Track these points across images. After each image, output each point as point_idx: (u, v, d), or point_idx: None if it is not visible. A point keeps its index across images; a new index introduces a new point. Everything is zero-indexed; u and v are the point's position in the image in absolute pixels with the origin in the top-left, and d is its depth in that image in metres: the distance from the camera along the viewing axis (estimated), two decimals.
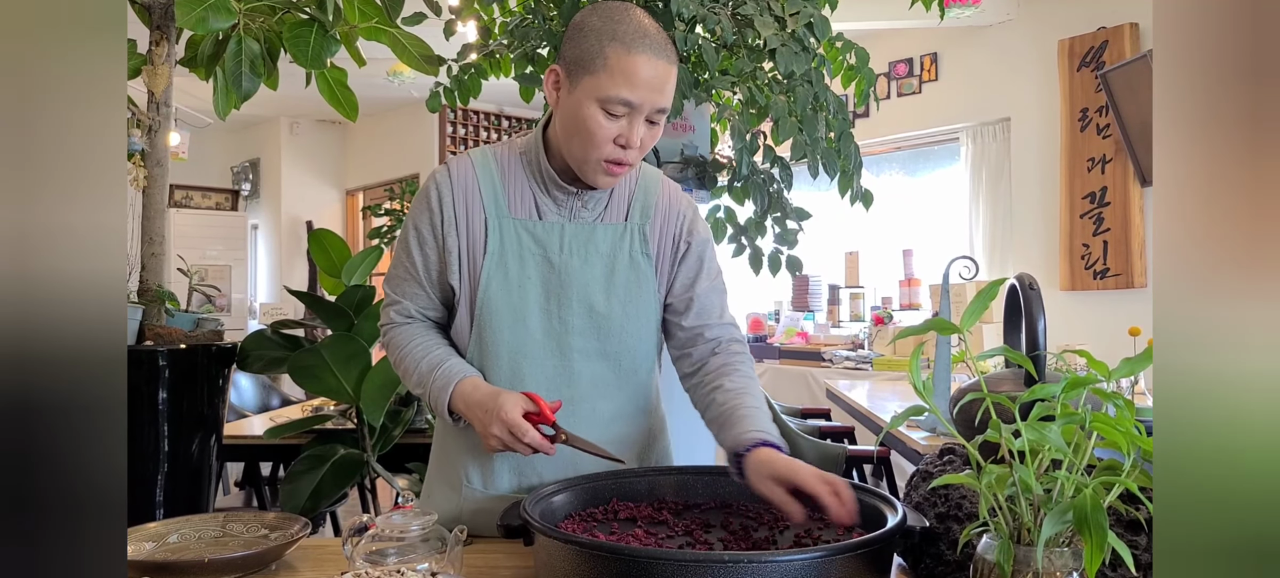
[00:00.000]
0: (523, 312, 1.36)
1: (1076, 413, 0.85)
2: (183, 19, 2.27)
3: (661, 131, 1.33)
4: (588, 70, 1.25)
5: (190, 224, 7.78)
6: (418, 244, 1.39)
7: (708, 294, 1.44)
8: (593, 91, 1.25)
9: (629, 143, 1.27)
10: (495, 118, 7.64)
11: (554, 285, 1.37)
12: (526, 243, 1.36)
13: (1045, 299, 1.30)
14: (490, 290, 1.35)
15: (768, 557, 0.93)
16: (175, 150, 5.13)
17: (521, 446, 1.26)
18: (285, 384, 5.22)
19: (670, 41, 1.29)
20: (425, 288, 1.40)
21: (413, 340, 1.40)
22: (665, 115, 1.31)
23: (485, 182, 1.37)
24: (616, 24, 1.25)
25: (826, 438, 3.61)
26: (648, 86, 1.25)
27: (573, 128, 1.29)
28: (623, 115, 1.26)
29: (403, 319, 1.43)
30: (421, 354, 1.38)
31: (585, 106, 1.26)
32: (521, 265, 1.36)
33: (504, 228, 1.36)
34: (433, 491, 1.48)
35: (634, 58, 1.23)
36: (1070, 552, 0.83)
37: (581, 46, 1.26)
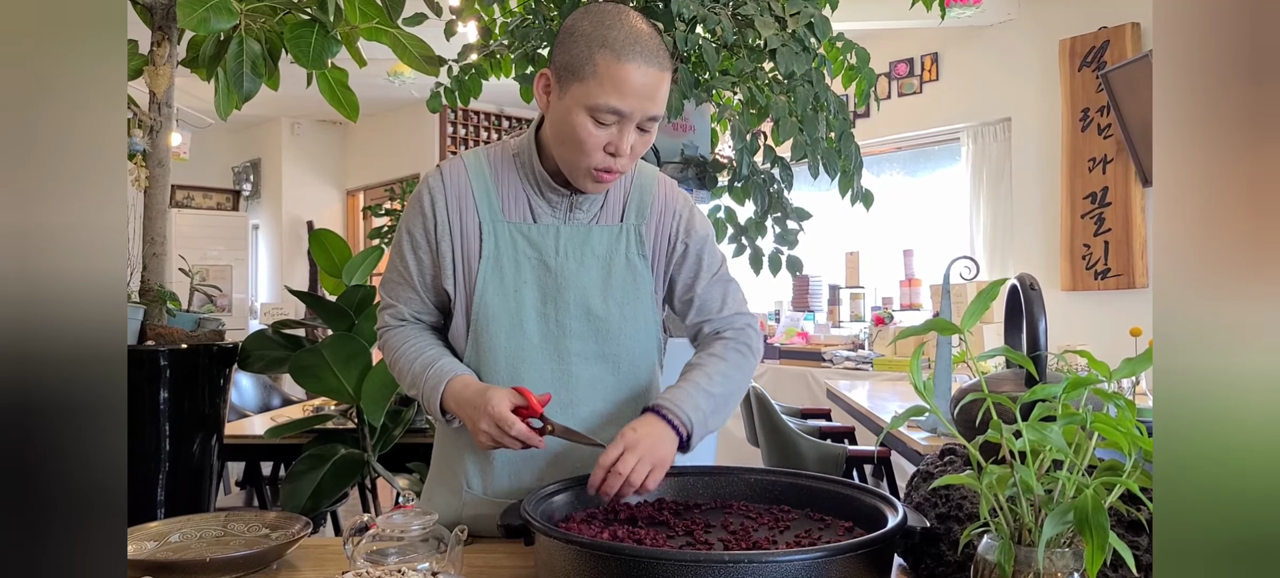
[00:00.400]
0: (519, 316, 1.35)
1: (1077, 413, 0.85)
2: (184, 19, 2.27)
3: (654, 138, 1.31)
4: (577, 77, 1.23)
5: (191, 224, 7.79)
6: (411, 249, 1.38)
7: (708, 290, 1.44)
8: (582, 99, 1.23)
9: (619, 151, 1.25)
10: (495, 118, 7.65)
11: (550, 289, 1.35)
12: (521, 246, 1.35)
13: (1046, 299, 1.30)
14: (486, 295, 1.34)
15: (768, 557, 0.93)
16: (176, 150, 5.14)
17: (509, 439, 1.24)
18: (286, 384, 5.22)
19: (663, 46, 1.26)
20: (419, 292, 1.40)
21: (407, 342, 1.40)
22: (657, 122, 1.29)
23: (479, 185, 1.36)
24: (607, 29, 1.22)
25: (827, 438, 3.61)
26: (638, 95, 1.22)
27: (562, 135, 1.27)
28: (612, 123, 1.24)
29: (397, 322, 1.43)
30: (414, 355, 1.38)
31: (574, 114, 1.24)
32: (517, 269, 1.35)
33: (498, 232, 1.35)
34: (433, 493, 1.48)
35: (624, 66, 1.21)
36: (1071, 552, 0.83)
37: (571, 52, 1.24)
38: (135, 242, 2.83)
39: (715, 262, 1.46)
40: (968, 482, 0.89)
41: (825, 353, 5.33)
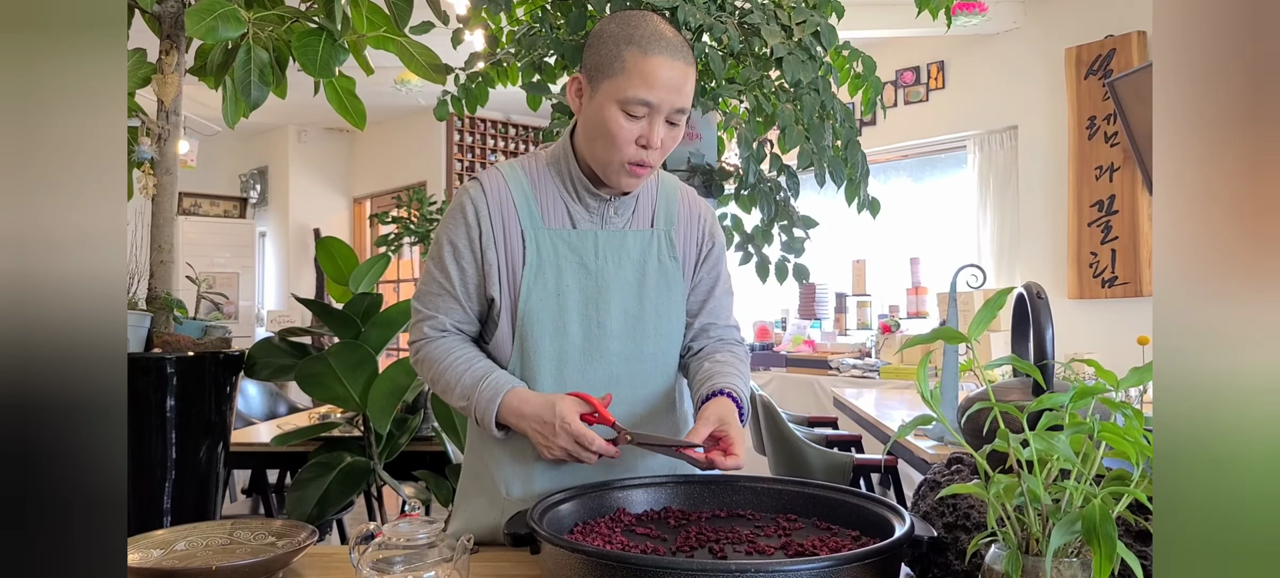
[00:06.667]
0: (562, 318, 1.39)
1: (1085, 422, 0.85)
2: (192, 28, 2.28)
3: (682, 132, 1.37)
4: (607, 74, 1.30)
5: (199, 232, 7.82)
6: (453, 259, 1.40)
7: (721, 298, 1.53)
8: (613, 94, 1.30)
9: (650, 143, 1.32)
10: (502, 126, 7.66)
11: (591, 291, 1.40)
12: (563, 252, 1.39)
13: (1053, 308, 1.30)
14: (531, 301, 1.38)
15: (774, 565, 0.92)
16: (184, 158, 5.16)
17: (588, 455, 1.29)
18: (292, 392, 5.23)
19: (687, 44, 1.33)
20: (461, 302, 1.42)
21: (451, 353, 1.41)
22: (685, 116, 1.35)
23: (518, 194, 1.40)
24: (633, 29, 1.30)
25: (833, 447, 3.60)
26: (666, 87, 1.29)
27: (595, 132, 1.33)
28: (642, 116, 1.31)
29: (437, 333, 1.43)
30: (464, 367, 1.39)
31: (606, 109, 1.31)
32: (559, 274, 1.39)
33: (540, 239, 1.39)
34: (469, 502, 1.48)
35: (651, 60, 1.28)
36: (1079, 562, 0.82)
37: (600, 53, 1.32)
38: (143, 249, 2.84)
39: (727, 272, 1.56)
40: (975, 491, 0.88)
41: (832, 361, 5.32)
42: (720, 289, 1.52)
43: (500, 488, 1.42)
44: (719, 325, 1.52)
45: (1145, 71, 4.59)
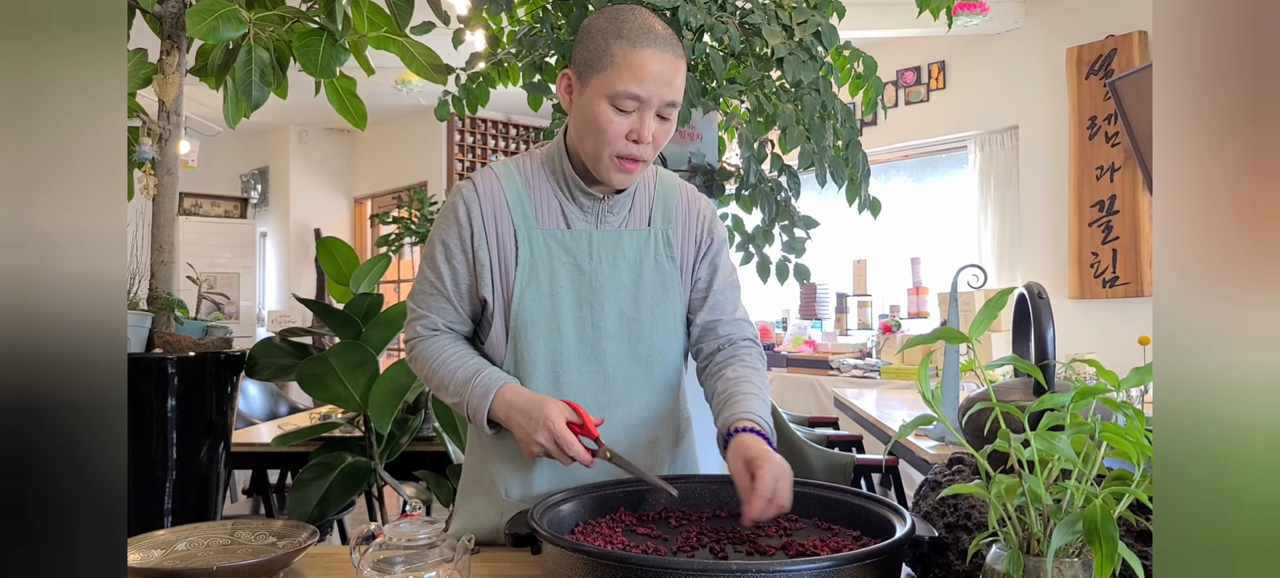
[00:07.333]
0: (557, 320, 1.38)
1: (1086, 422, 0.85)
2: (193, 28, 2.28)
3: (674, 127, 1.36)
4: (596, 68, 1.29)
5: (199, 232, 7.83)
6: (445, 259, 1.40)
7: (723, 291, 1.49)
8: (602, 88, 1.29)
9: (640, 137, 1.30)
10: (503, 126, 7.66)
11: (586, 292, 1.39)
12: (557, 252, 1.38)
13: (1054, 308, 1.30)
14: (525, 302, 1.37)
15: (775, 566, 0.92)
16: (185, 159, 5.16)
17: (564, 456, 1.28)
18: (293, 392, 5.23)
19: (677, 38, 1.32)
20: (453, 302, 1.41)
21: (444, 352, 1.41)
22: (676, 110, 1.33)
23: (512, 194, 1.39)
24: (622, 23, 1.29)
25: (834, 447, 3.60)
26: (655, 80, 1.28)
27: (586, 127, 1.32)
28: (632, 110, 1.29)
29: (430, 332, 1.43)
30: (457, 364, 1.39)
31: (596, 104, 1.29)
32: (553, 275, 1.38)
33: (533, 238, 1.38)
34: (470, 502, 1.47)
35: (640, 53, 1.27)
36: (1080, 562, 0.82)
37: (589, 47, 1.31)
38: (143, 249, 2.84)
39: (729, 264, 1.52)
40: (976, 491, 0.88)
41: (833, 361, 5.32)
42: (719, 283, 1.48)
43: (500, 488, 1.42)
44: (725, 321, 1.47)
45: (1146, 71, 4.59)
